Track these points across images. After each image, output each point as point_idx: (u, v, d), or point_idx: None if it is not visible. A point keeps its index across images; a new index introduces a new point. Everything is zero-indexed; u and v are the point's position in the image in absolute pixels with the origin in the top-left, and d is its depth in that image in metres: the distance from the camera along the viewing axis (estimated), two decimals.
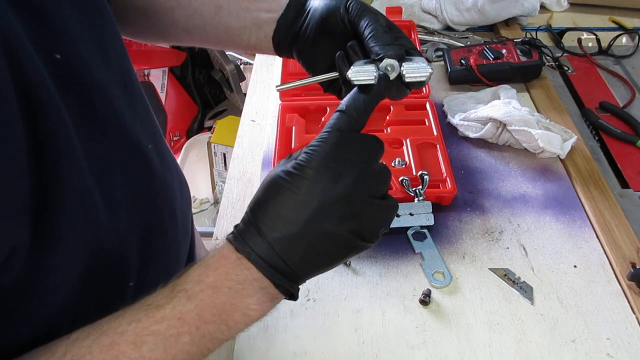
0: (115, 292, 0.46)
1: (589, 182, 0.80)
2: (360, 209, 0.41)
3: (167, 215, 0.52)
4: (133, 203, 0.46)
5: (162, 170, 0.51)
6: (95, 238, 0.41)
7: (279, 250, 0.39)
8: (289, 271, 0.40)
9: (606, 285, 0.67)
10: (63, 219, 0.37)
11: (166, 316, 0.38)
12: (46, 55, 0.36)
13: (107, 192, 0.41)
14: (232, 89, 1.91)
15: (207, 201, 1.76)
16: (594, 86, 1.02)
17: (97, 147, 0.41)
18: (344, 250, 0.42)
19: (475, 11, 1.12)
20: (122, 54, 0.48)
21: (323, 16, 0.51)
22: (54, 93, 0.36)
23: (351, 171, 0.40)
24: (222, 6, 0.56)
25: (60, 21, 0.39)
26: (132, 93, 0.48)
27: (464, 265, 0.69)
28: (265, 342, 0.62)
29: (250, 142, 0.91)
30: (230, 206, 0.80)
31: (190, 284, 0.39)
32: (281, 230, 0.39)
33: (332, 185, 0.39)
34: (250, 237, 0.40)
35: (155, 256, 0.51)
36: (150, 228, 0.49)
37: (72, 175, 0.37)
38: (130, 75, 0.49)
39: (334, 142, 0.40)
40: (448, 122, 0.91)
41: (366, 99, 0.43)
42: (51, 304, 0.40)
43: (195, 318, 0.38)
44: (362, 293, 0.66)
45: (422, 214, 0.73)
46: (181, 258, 0.58)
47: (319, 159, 0.40)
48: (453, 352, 0.60)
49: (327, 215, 0.39)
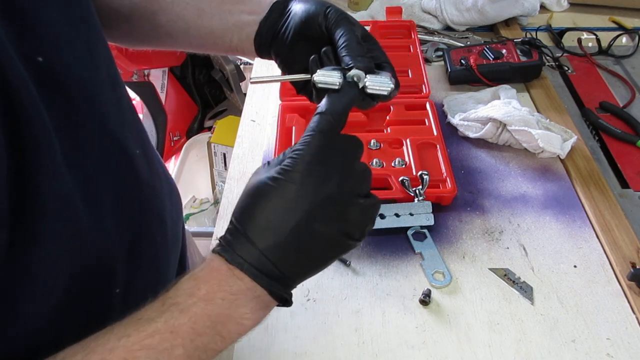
0: (102, 299, 0.45)
1: (589, 182, 0.80)
2: (347, 208, 0.41)
3: (155, 222, 0.52)
4: (119, 209, 0.45)
5: (150, 177, 0.51)
6: (79, 244, 0.40)
7: (271, 257, 0.39)
8: (282, 277, 0.40)
9: (606, 285, 0.67)
10: (44, 224, 0.36)
11: (158, 329, 0.37)
12: (27, 58, 0.36)
13: (91, 197, 0.41)
14: (232, 89, 1.91)
15: (207, 201, 1.76)
16: (594, 86, 1.02)
17: (81, 152, 0.40)
18: (334, 250, 0.42)
19: (475, 11, 1.12)
20: (109, 59, 0.48)
21: (302, 20, 0.52)
22: (35, 97, 0.35)
23: (336, 173, 0.41)
24: (205, 9, 0.56)
25: (44, 24, 0.39)
26: (120, 98, 0.48)
27: (464, 265, 0.69)
28: (265, 342, 0.62)
29: (250, 142, 0.91)
30: (230, 206, 0.80)
31: (182, 297, 0.39)
32: (272, 237, 0.39)
33: (319, 188, 0.40)
34: (240, 247, 0.39)
35: (143, 263, 0.50)
36: (138, 234, 0.49)
37: (52, 181, 0.36)
38: (118, 80, 0.49)
39: (318, 145, 0.41)
40: (448, 122, 0.91)
41: (343, 101, 0.44)
42: (36, 312, 0.39)
43: (189, 331, 0.38)
44: (362, 293, 0.66)
45: (422, 214, 0.73)
46: (171, 265, 0.58)
47: (305, 162, 0.40)
48: (453, 352, 0.60)
49: (316, 218, 0.40)
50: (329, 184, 0.40)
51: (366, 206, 0.43)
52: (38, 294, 0.38)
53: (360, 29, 0.51)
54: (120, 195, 0.46)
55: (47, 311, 0.40)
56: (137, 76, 1.83)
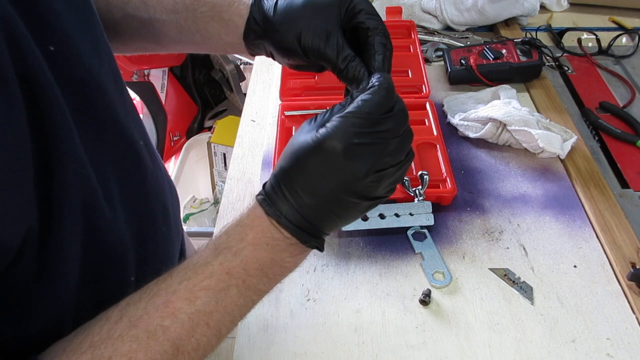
0: (118, 285, 0.46)
1: (589, 182, 0.80)
2: (386, 177, 0.42)
3: (159, 212, 0.53)
4: (126, 198, 0.46)
5: (153, 168, 0.52)
6: (96, 227, 0.41)
7: (305, 215, 0.42)
8: (314, 230, 0.43)
9: (606, 285, 0.67)
10: (66, 204, 0.37)
11: (215, 271, 0.41)
12: (41, 47, 0.37)
13: (103, 183, 0.42)
14: (232, 89, 1.91)
15: (207, 201, 1.76)
16: (594, 86, 1.02)
17: (91, 140, 0.41)
18: (363, 211, 0.45)
19: (475, 11, 1.12)
20: (110, 53, 0.48)
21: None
22: (53, 84, 0.36)
23: (385, 147, 0.41)
24: (183, 27, 0.56)
25: (54, 14, 0.39)
26: (122, 91, 0.49)
27: (464, 265, 0.69)
28: (265, 342, 0.62)
29: (250, 142, 0.91)
30: (230, 206, 0.80)
31: (234, 242, 0.42)
32: (308, 200, 0.41)
33: (362, 163, 0.40)
34: (278, 201, 0.42)
35: (150, 252, 0.51)
36: (144, 223, 0.50)
37: (73, 162, 0.38)
38: (119, 75, 0.49)
39: (368, 110, 0.40)
40: (448, 122, 0.91)
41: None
42: (58, 296, 0.40)
43: (242, 272, 0.42)
44: (362, 293, 0.66)
45: (422, 214, 0.73)
46: (174, 256, 0.58)
47: (353, 133, 0.40)
48: (453, 352, 0.60)
49: (354, 190, 0.41)
50: (373, 160, 0.41)
51: (403, 168, 0.44)
52: (61, 276, 0.39)
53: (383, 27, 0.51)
54: (127, 184, 0.47)
55: (67, 295, 0.40)
56: (137, 76, 1.83)
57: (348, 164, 0.40)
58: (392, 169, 0.42)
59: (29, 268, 0.36)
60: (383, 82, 0.42)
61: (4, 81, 0.31)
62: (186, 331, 0.39)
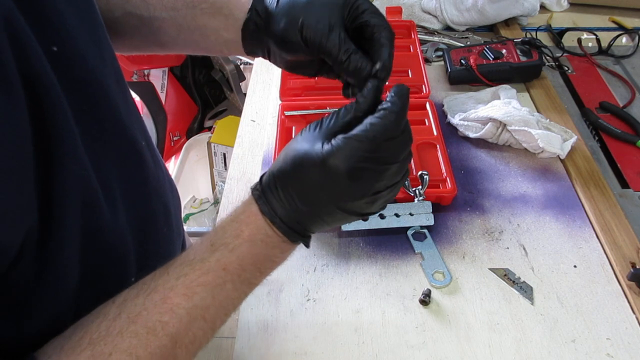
0: (119, 286, 0.46)
1: (589, 182, 0.80)
2: (381, 198, 0.44)
3: (161, 213, 0.53)
4: (128, 198, 0.46)
5: (154, 169, 0.52)
6: (97, 228, 0.41)
7: (297, 217, 0.44)
8: (304, 231, 0.45)
9: (606, 285, 0.67)
10: (66, 204, 0.37)
11: (212, 268, 0.42)
12: (44, 47, 0.37)
13: (104, 183, 0.42)
14: (232, 89, 1.91)
15: (207, 201, 1.76)
16: (594, 86, 1.02)
17: (93, 140, 0.41)
18: (353, 221, 0.47)
19: (475, 11, 1.12)
20: (112, 53, 0.48)
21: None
22: (55, 85, 0.36)
23: (385, 172, 0.42)
24: (182, 25, 0.56)
25: (57, 14, 0.39)
26: (125, 91, 0.49)
27: (464, 265, 0.69)
28: (265, 342, 0.62)
29: (250, 142, 0.91)
30: (230, 206, 0.80)
31: (230, 238, 0.43)
32: (301, 206, 0.43)
33: (362, 186, 0.42)
34: (273, 201, 0.44)
35: (151, 253, 0.51)
36: (146, 224, 0.50)
37: (73, 163, 0.38)
38: (121, 75, 0.50)
39: (374, 135, 0.41)
40: (448, 122, 0.91)
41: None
42: (58, 296, 0.40)
43: (237, 268, 0.43)
44: (362, 293, 0.66)
45: (422, 214, 0.73)
46: (175, 256, 0.58)
47: (357, 157, 0.40)
48: (453, 352, 0.60)
49: (349, 208, 0.43)
50: (374, 183, 0.42)
51: (399, 186, 0.45)
52: (61, 276, 0.39)
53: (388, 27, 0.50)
54: (129, 184, 0.47)
55: (67, 295, 0.41)
56: (137, 76, 1.83)
57: (348, 185, 0.41)
58: (387, 190, 0.44)
59: (29, 268, 0.36)
60: (393, 106, 0.42)
61: (7, 81, 0.31)
62: (184, 326, 0.40)
